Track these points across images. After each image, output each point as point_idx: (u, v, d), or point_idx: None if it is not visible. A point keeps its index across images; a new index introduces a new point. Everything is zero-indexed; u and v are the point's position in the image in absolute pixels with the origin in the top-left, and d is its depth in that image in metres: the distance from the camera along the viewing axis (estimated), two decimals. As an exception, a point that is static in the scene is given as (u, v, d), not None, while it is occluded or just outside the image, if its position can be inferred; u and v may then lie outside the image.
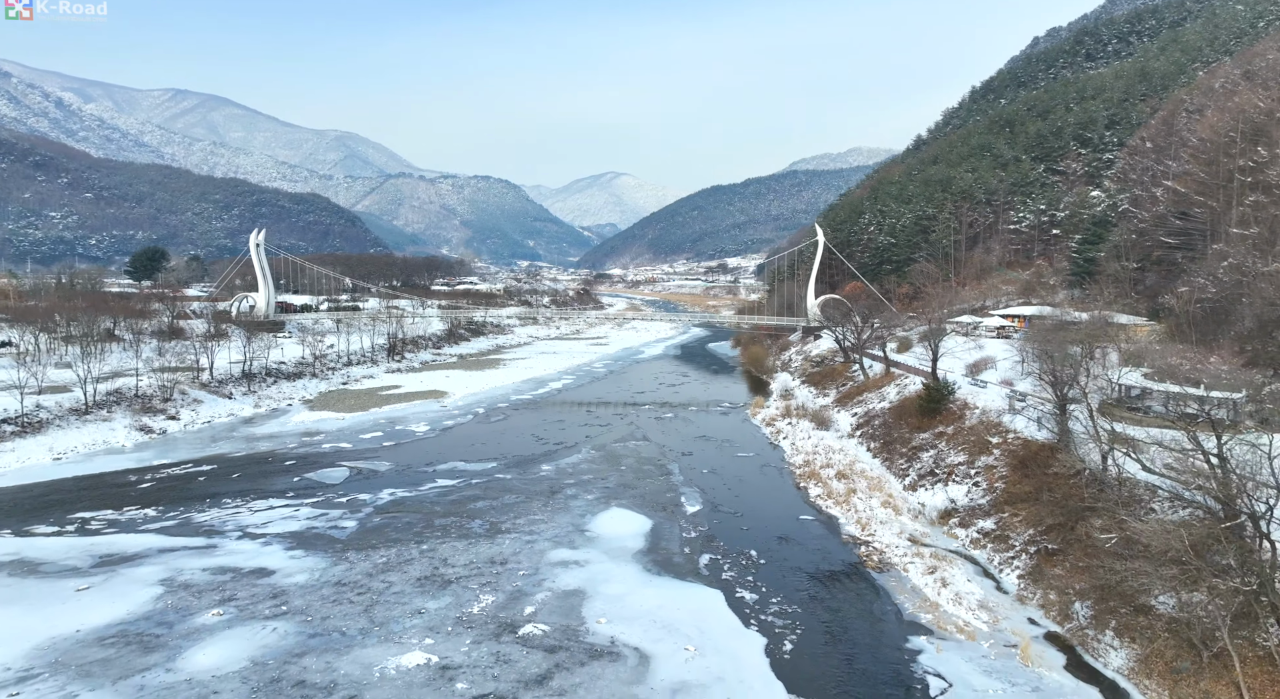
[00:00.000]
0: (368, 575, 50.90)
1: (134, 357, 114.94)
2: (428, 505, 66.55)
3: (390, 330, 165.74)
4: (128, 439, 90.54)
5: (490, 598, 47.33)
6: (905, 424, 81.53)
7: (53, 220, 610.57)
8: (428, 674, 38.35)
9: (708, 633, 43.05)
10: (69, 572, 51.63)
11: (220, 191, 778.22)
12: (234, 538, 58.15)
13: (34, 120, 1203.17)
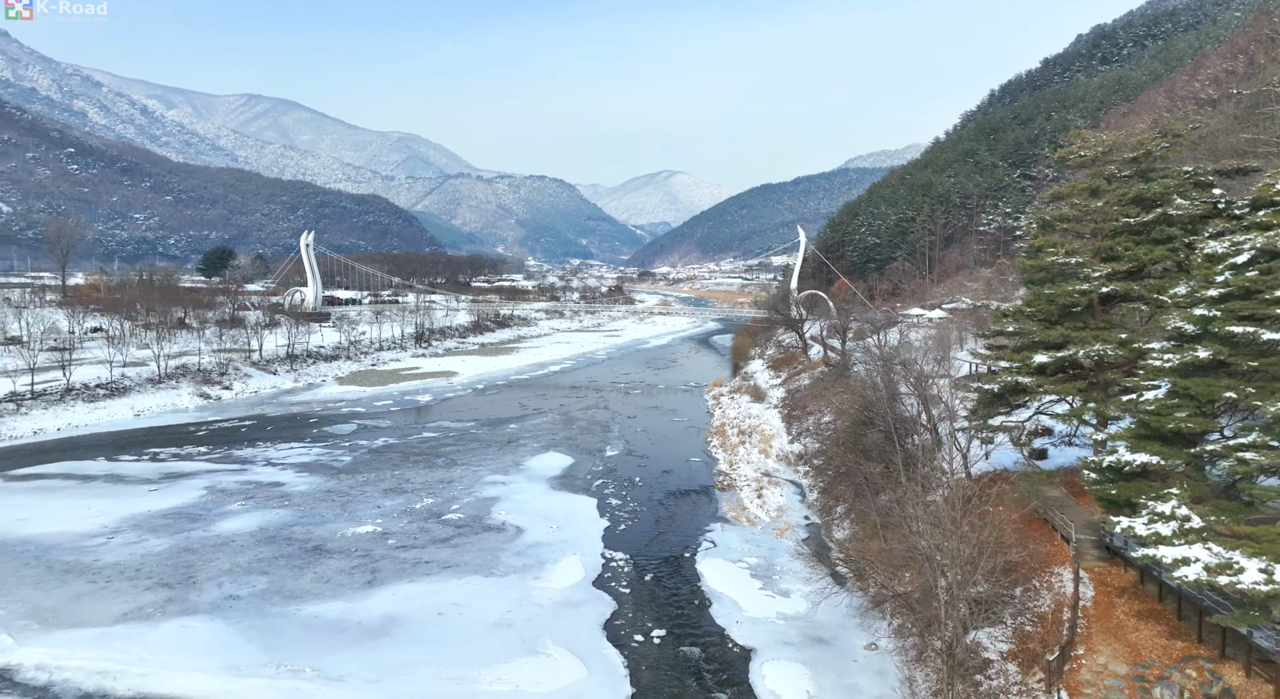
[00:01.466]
0: (349, 487, 70.46)
1: (198, 340, 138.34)
2: (408, 448, 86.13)
3: (418, 321, 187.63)
4: (190, 402, 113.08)
5: (430, 500, 66.28)
6: (812, 395, 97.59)
7: (137, 222, 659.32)
8: (372, 537, 57.41)
9: (572, 520, 61.15)
10: (143, 481, 72.58)
11: (287, 193, 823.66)
12: (260, 465, 78.56)
13: (121, 127, 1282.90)
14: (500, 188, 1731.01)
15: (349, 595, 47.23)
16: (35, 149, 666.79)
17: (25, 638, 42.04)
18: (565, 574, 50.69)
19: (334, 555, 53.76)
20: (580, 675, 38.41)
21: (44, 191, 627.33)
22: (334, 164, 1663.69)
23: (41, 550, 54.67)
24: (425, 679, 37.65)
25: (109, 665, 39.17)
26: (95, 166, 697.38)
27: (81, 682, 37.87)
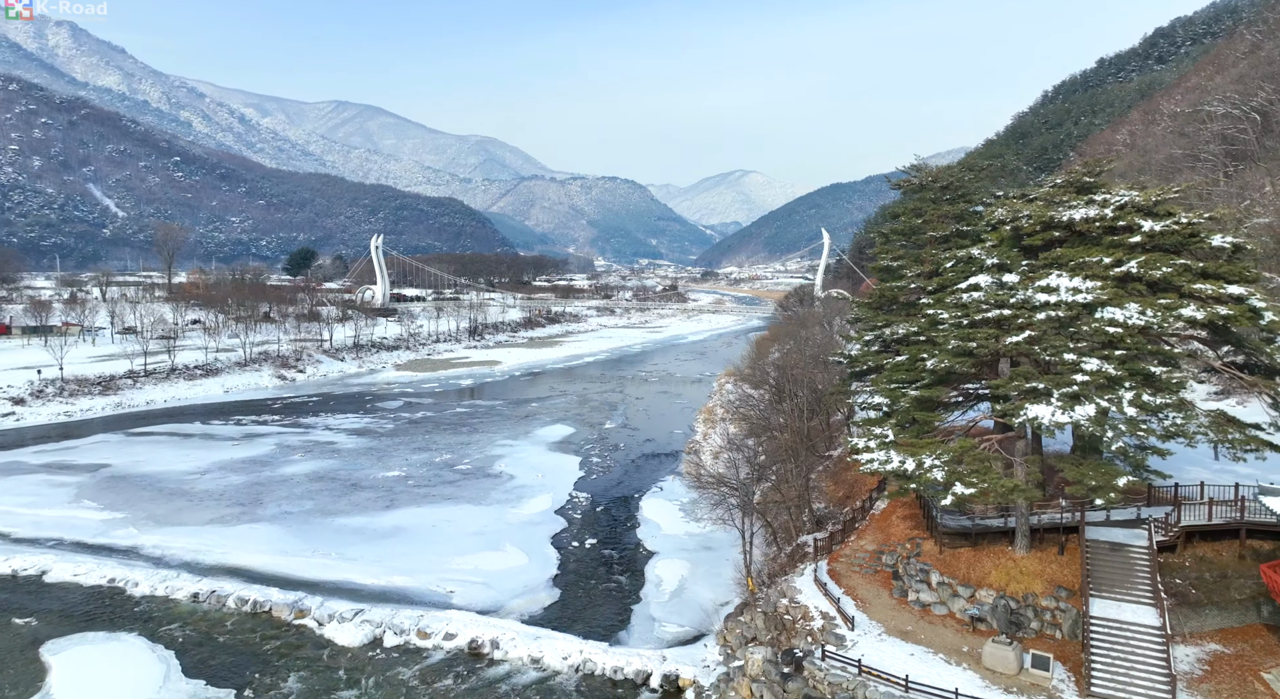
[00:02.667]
0: (386, 445, 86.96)
1: (279, 331, 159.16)
2: (440, 419, 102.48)
3: (472, 316, 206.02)
4: (269, 382, 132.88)
5: (448, 456, 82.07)
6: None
7: (233, 224, 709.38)
8: (396, 479, 73.41)
9: (556, 472, 75.91)
10: (228, 439, 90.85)
11: (369, 197, 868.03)
12: (319, 429, 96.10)
13: (221, 135, 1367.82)
14: (573, 189, 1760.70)
15: (370, 514, 63.12)
16: (146, 158, 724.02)
17: (145, 530, 59.29)
18: (536, 505, 65.48)
19: (364, 490, 69.94)
20: (523, 562, 53.07)
21: (153, 197, 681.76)
22: (414, 167, 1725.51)
23: (153, 481, 72.69)
24: (413, 559, 52.91)
25: (199, 548, 55.83)
26: (198, 173, 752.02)
27: (182, 557, 54.50)
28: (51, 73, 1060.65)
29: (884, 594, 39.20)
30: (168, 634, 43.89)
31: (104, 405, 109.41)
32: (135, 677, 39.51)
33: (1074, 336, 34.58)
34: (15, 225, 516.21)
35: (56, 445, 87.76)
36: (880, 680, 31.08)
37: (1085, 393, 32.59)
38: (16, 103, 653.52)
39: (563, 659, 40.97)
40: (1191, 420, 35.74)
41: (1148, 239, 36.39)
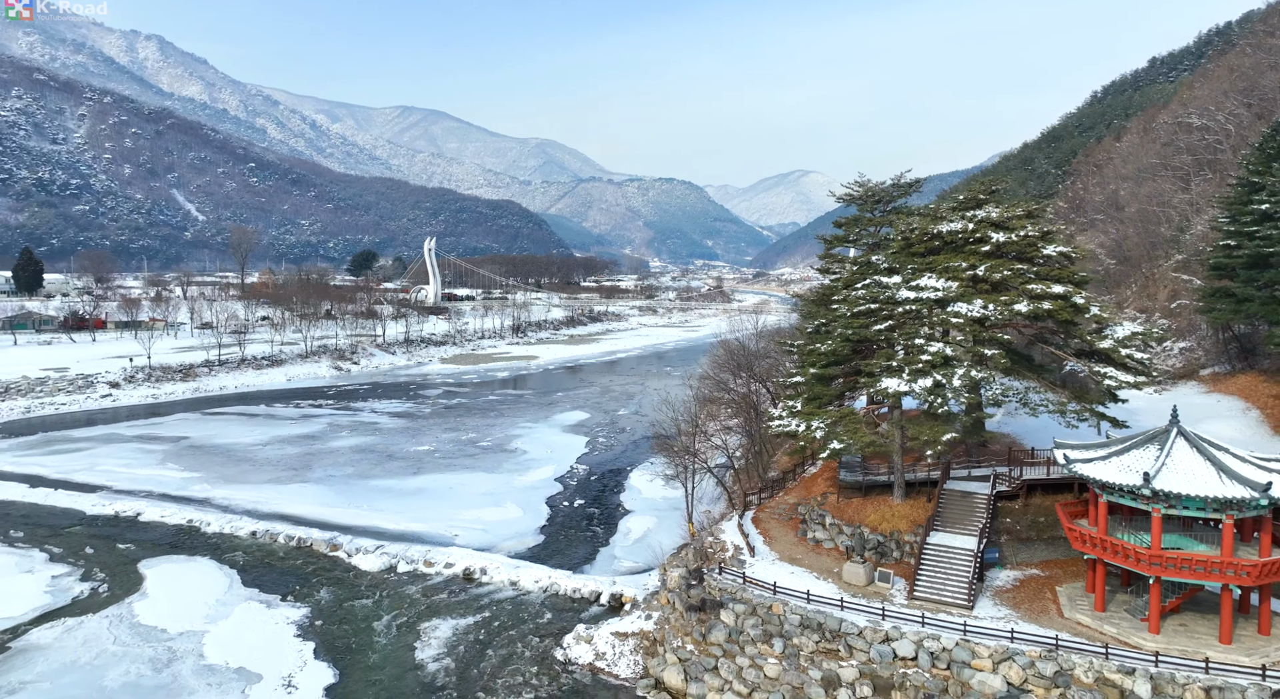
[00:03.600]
0: (421, 426, 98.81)
1: (338, 326, 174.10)
2: (473, 406, 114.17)
3: (516, 315, 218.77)
4: (327, 372, 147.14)
5: (472, 435, 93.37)
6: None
7: (303, 227, 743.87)
8: (425, 452, 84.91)
9: (564, 449, 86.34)
10: (287, 418, 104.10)
11: (430, 200, 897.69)
12: (366, 412, 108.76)
13: (294, 141, 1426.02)
14: (630, 191, 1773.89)
15: (399, 478, 74.63)
16: (224, 164, 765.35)
17: (216, 486, 71.92)
18: (540, 474, 76.03)
19: (397, 460, 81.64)
20: (519, 515, 63.63)
21: (230, 202, 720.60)
22: (476, 170, 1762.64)
23: (223, 450, 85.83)
24: (428, 512, 63.97)
25: (258, 500, 68.00)
26: (271, 179, 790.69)
27: (244, 506, 66.67)
28: (141, 84, 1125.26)
29: (790, 534, 48.30)
30: (231, 558, 55.72)
31: (184, 389, 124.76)
32: (207, 585, 51.29)
33: (928, 325, 43.21)
34: (108, 229, 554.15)
35: (145, 421, 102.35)
36: (756, 586, 40.36)
37: (927, 369, 41.25)
38: (111, 114, 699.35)
39: (534, 582, 51.25)
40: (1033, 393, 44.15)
41: (995, 248, 44.75)
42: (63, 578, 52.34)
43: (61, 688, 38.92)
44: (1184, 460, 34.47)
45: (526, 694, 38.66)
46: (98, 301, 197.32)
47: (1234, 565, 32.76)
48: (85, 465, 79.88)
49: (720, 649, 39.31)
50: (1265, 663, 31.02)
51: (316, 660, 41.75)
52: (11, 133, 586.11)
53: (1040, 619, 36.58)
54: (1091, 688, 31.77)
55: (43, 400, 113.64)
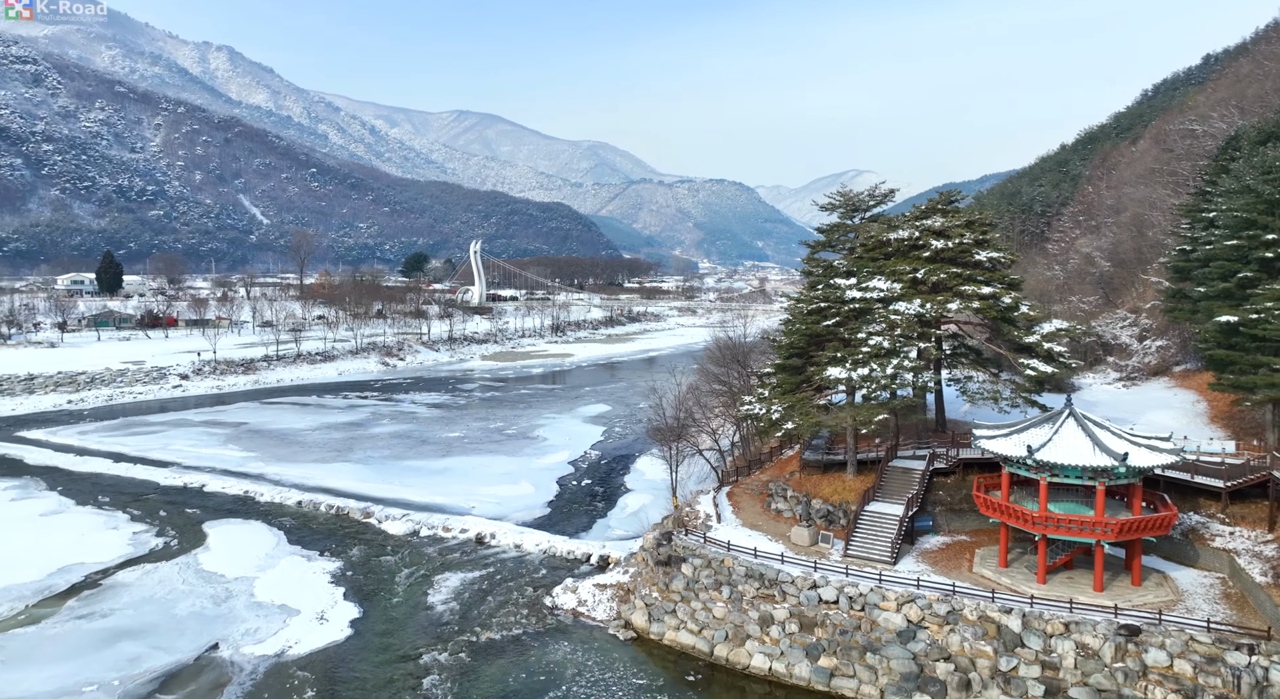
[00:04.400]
0: (454, 415, 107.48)
1: (386, 325, 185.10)
2: (505, 398, 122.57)
3: (555, 314, 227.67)
4: (374, 367, 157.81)
5: (499, 423, 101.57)
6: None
7: (361, 230, 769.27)
8: (456, 438, 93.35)
9: (582, 436, 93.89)
10: (335, 408, 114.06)
11: (483, 203, 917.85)
12: (407, 403, 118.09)
13: (354, 146, 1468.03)
14: (680, 192, 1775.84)
15: (429, 459, 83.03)
16: (288, 170, 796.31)
17: (269, 464, 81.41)
18: (555, 458, 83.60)
19: (430, 444, 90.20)
20: (530, 491, 71.26)
21: (293, 206, 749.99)
22: (529, 173, 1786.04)
23: (277, 434, 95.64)
24: (451, 487, 72.03)
25: (305, 476, 77.05)
26: (331, 183, 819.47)
27: (292, 481, 75.72)
28: (212, 94, 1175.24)
29: (758, 505, 54.74)
30: (279, 522, 64.51)
31: (245, 382, 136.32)
32: (258, 542, 60.05)
33: (870, 321, 49.23)
34: (180, 233, 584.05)
35: (210, 409, 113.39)
36: (713, 545, 46.98)
37: (865, 360, 47.33)
38: (184, 124, 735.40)
39: (535, 545, 58.69)
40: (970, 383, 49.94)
41: (934, 253, 50.50)
42: (141, 534, 61.77)
43: (143, 614, 47.72)
44: (1069, 437, 40.00)
45: (516, 630, 45.95)
46: (170, 301, 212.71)
47: (1102, 524, 38.29)
48: (159, 445, 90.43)
49: (679, 596, 46.07)
50: (1117, 603, 36.55)
51: (345, 601, 49.80)
52: (95, 143, 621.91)
53: (951, 573, 42.43)
54: (975, 624, 37.67)
55: (123, 389, 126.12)
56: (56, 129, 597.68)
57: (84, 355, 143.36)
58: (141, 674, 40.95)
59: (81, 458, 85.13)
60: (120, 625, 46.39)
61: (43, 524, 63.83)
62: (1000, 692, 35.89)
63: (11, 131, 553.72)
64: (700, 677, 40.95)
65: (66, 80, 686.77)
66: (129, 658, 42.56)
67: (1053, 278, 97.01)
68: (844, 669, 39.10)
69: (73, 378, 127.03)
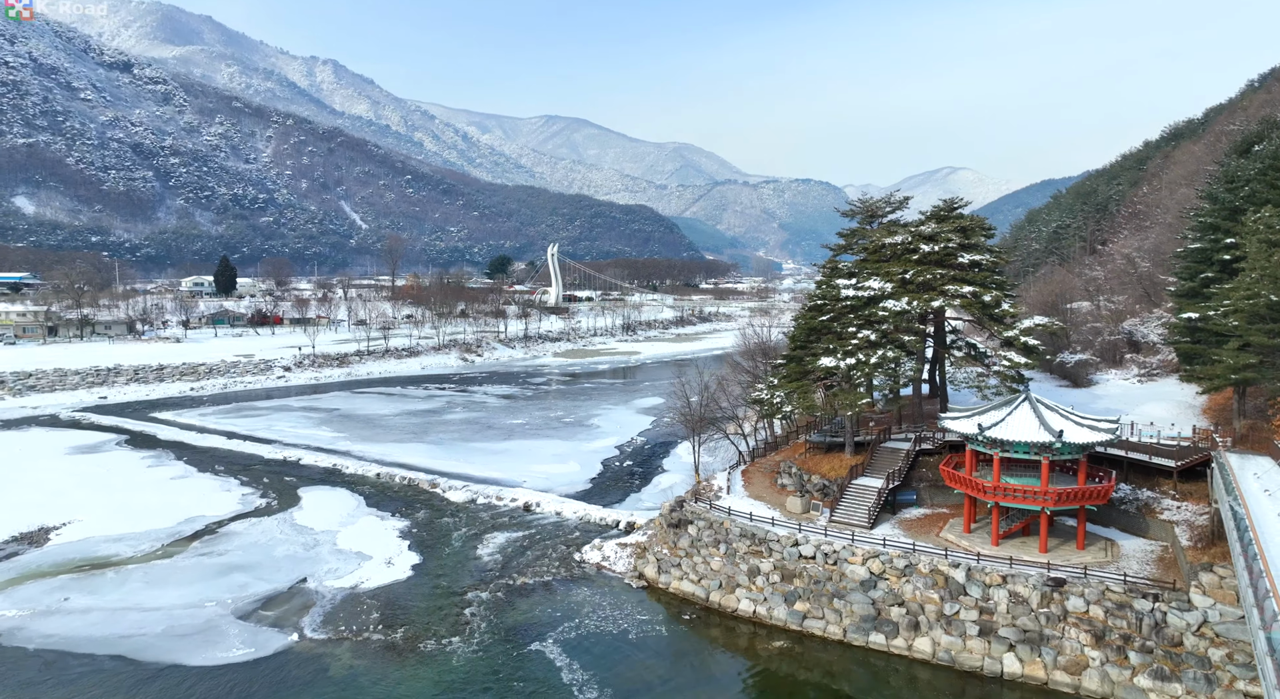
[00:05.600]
0: (520, 405, 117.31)
1: (467, 324, 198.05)
2: (568, 391, 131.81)
3: (626, 314, 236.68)
4: (454, 362, 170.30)
5: (559, 413, 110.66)
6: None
7: (452, 234, 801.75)
8: (519, 425, 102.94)
9: (632, 425, 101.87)
10: (416, 397, 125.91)
11: (568, 206, 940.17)
12: (479, 393, 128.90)
13: (447, 152, 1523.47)
14: (765, 192, 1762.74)
15: (491, 442, 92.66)
16: (385, 177, 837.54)
17: (355, 443, 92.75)
18: (604, 443, 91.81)
19: (494, 429, 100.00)
20: (576, 470, 79.68)
21: (389, 211, 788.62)
22: (614, 176, 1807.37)
23: (364, 418, 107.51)
24: (507, 465, 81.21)
25: (384, 453, 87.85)
26: (424, 189, 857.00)
27: (373, 457, 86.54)
28: (317, 105, 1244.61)
29: (766, 481, 61.30)
30: (360, 490, 74.96)
31: (339, 374, 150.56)
32: (342, 504, 70.45)
33: (862, 317, 55.21)
34: (287, 238, 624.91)
35: (309, 397, 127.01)
36: (717, 510, 54.01)
37: (853, 351, 53.41)
38: (292, 135, 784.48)
39: (573, 513, 66.94)
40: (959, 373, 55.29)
41: (922, 256, 55.97)
42: (249, 495, 73.27)
43: (249, 554, 58.33)
44: (1021, 418, 45.29)
45: (547, 577, 54.17)
46: (277, 302, 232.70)
47: (1043, 493, 43.49)
48: (264, 426, 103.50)
49: (684, 552, 53.33)
50: (1049, 561, 41.82)
51: (409, 551, 59.19)
52: (214, 155, 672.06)
53: (922, 537, 48.16)
54: (927, 576, 43.57)
55: (235, 379, 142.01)
56: (182, 143, 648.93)
57: (203, 349, 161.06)
58: (247, 597, 51.10)
59: (201, 435, 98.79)
60: (232, 562, 57.03)
61: (173, 485, 76.30)
62: (943, 631, 41.76)
63: (145, 147, 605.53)
64: (695, 617, 48.11)
65: (191, 98, 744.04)
66: (239, 585, 52.89)
67: (1094, 278, 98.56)
68: (814, 612, 45.59)
69: (194, 368, 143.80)
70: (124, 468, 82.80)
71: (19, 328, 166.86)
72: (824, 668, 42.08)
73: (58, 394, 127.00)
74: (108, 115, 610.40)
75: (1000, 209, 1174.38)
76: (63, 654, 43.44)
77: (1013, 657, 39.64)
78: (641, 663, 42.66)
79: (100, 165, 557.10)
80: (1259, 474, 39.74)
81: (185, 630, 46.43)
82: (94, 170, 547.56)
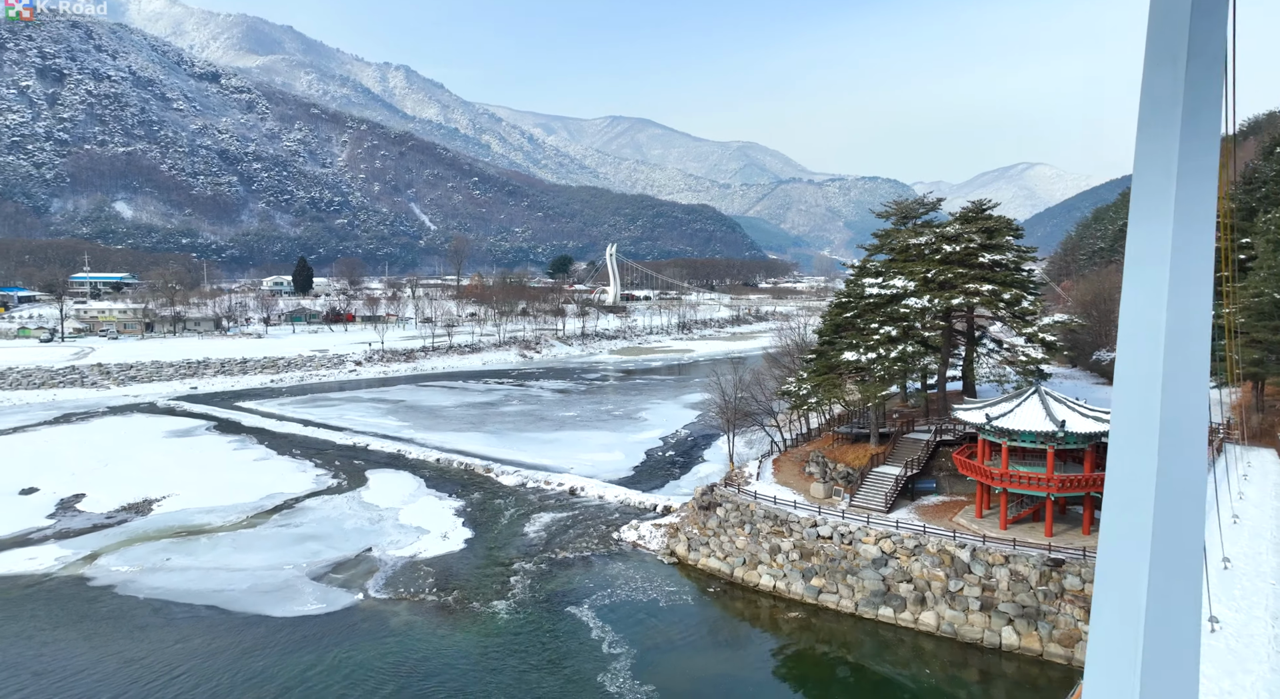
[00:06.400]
0: (573, 399, 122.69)
1: (527, 322, 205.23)
2: (621, 385, 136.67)
3: (681, 313, 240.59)
4: (514, 359, 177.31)
5: (609, 406, 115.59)
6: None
7: (516, 234, 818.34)
8: (571, 416, 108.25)
9: (678, 418, 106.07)
10: (476, 390, 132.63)
11: (630, 206, 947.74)
12: (535, 388, 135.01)
13: (513, 154, 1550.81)
14: (830, 191, 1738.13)
15: (543, 432, 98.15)
16: (453, 179, 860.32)
17: (418, 432, 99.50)
18: (649, 434, 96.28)
19: (546, 421, 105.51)
20: (621, 458, 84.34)
21: (457, 213, 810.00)
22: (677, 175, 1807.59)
23: (427, 409, 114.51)
24: (557, 453, 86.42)
25: (444, 441, 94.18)
26: (490, 191, 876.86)
27: (434, 444, 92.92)
28: (390, 110, 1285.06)
29: (795, 469, 64.74)
30: (421, 473, 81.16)
31: (405, 368, 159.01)
32: (404, 485, 76.69)
33: (884, 314, 58.20)
34: (360, 239, 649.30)
35: (377, 389, 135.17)
36: (743, 494, 57.81)
37: (875, 346, 56.50)
38: (365, 140, 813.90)
39: (615, 497, 71.55)
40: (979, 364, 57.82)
41: (944, 256, 58.57)
42: (322, 476, 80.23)
43: (321, 525, 64.77)
44: (1029, 409, 47.82)
45: (586, 553, 58.87)
46: (349, 300, 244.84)
47: (1048, 480, 45.99)
48: (336, 415, 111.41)
49: (712, 532, 57.28)
50: (1050, 542, 44.33)
51: (463, 527, 64.71)
52: (294, 160, 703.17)
53: (936, 522, 51.02)
54: (934, 555, 46.57)
55: (310, 372, 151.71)
56: (264, 149, 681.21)
57: (282, 345, 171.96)
58: (320, 561, 57.26)
59: (280, 422, 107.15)
60: (307, 532, 63.51)
61: (256, 466, 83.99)
62: (947, 606, 44.76)
63: (230, 153, 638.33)
64: (720, 590, 52.08)
65: (272, 105, 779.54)
66: (312, 552, 59.16)
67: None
68: (829, 587, 49.03)
69: (274, 362, 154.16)
70: (213, 450, 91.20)
71: (121, 324, 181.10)
72: (836, 638, 45.51)
73: (155, 384, 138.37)
74: (197, 124, 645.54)
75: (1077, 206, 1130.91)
76: (167, 603, 50.13)
77: (1011, 630, 42.40)
78: (666, 627, 46.87)
79: (190, 171, 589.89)
80: (1251, 464, 41.55)
81: (267, 588, 52.68)
82: (184, 176, 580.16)
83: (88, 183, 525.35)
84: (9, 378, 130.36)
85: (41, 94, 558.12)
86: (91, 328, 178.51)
